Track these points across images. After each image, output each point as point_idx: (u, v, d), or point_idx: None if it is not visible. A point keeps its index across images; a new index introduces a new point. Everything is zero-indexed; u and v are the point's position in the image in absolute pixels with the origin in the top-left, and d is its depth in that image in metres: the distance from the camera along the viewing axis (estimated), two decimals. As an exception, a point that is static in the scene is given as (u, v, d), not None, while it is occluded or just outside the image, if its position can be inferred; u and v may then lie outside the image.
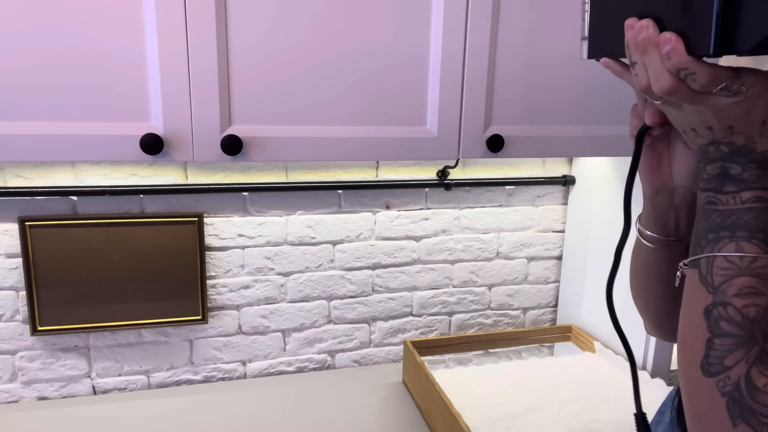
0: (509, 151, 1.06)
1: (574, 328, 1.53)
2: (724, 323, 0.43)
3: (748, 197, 0.44)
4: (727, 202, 0.45)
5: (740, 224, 0.44)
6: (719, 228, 0.45)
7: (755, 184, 0.44)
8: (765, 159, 0.44)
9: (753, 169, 0.44)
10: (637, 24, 0.45)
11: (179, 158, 0.91)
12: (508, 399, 1.24)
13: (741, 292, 0.43)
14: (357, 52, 0.96)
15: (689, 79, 0.42)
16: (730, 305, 0.43)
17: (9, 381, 1.29)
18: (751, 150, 0.44)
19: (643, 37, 0.44)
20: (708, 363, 0.43)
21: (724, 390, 0.42)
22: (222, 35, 0.89)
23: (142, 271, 1.29)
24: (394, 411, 1.28)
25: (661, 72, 0.43)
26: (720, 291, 0.44)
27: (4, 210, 1.21)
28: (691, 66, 0.42)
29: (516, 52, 1.03)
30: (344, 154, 0.99)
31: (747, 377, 0.41)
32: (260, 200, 1.35)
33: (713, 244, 0.45)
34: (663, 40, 0.42)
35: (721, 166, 0.45)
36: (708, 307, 0.44)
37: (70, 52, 0.84)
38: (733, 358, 0.42)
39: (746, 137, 0.43)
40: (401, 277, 1.50)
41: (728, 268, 0.44)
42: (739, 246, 0.43)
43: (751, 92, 0.42)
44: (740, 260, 0.43)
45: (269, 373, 1.47)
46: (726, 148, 0.44)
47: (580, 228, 1.54)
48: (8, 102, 0.84)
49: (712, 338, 0.43)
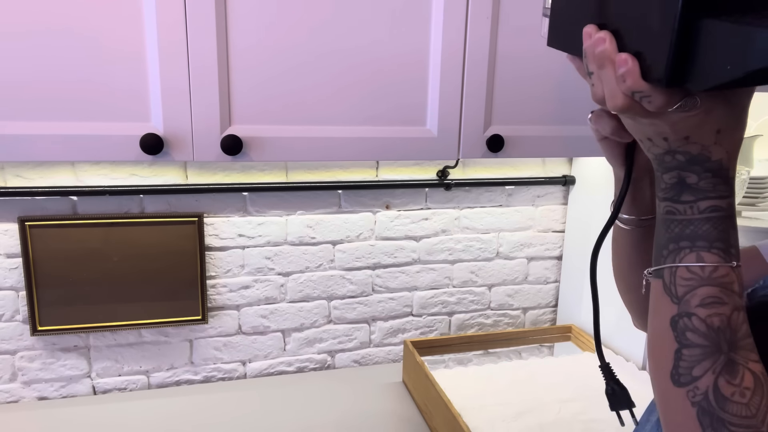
0: (509, 151, 1.06)
1: (574, 328, 1.53)
2: (690, 334, 0.44)
3: (705, 207, 0.44)
4: (685, 212, 0.45)
5: (699, 234, 0.44)
6: (679, 238, 0.45)
7: (711, 193, 0.44)
8: (720, 168, 0.44)
9: (709, 178, 0.44)
10: (595, 35, 0.44)
11: (179, 158, 0.91)
12: (508, 399, 1.24)
13: (704, 302, 0.43)
14: (357, 52, 0.96)
15: (644, 101, 0.42)
16: (694, 315, 0.43)
17: (9, 381, 1.29)
18: (707, 159, 0.44)
19: (600, 50, 0.43)
20: (678, 373, 0.44)
21: (694, 400, 0.43)
22: (222, 35, 0.89)
23: (142, 271, 1.29)
24: (394, 411, 1.28)
25: (615, 91, 0.43)
26: (684, 302, 0.44)
27: (4, 210, 1.21)
28: (645, 90, 0.41)
29: (516, 52, 1.03)
30: (344, 154, 0.99)
31: (715, 387, 0.42)
32: (260, 200, 1.35)
33: (674, 255, 0.45)
34: (619, 61, 0.42)
35: (678, 175, 0.45)
36: (674, 318, 0.45)
37: (70, 52, 0.84)
38: (700, 368, 0.43)
39: (701, 146, 0.43)
40: (401, 277, 1.50)
41: (690, 278, 0.44)
42: (700, 256, 0.44)
43: (705, 105, 0.42)
44: (701, 270, 0.44)
45: (269, 373, 1.47)
46: (682, 157, 0.44)
47: (580, 228, 1.54)
48: (8, 102, 0.84)
49: (680, 349, 0.44)
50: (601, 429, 1.14)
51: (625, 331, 1.39)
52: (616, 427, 1.15)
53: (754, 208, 1.25)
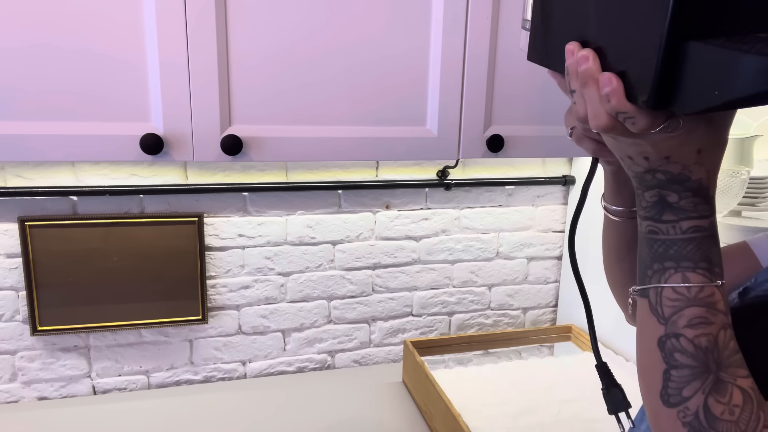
0: (509, 151, 1.06)
1: (574, 328, 1.53)
2: (678, 354, 0.44)
3: (687, 227, 0.44)
4: (667, 232, 0.45)
5: (683, 255, 0.44)
6: (663, 258, 0.45)
7: (693, 213, 0.44)
8: (701, 187, 0.44)
9: (689, 197, 0.44)
10: (578, 53, 0.43)
11: (179, 158, 0.91)
12: (508, 399, 1.24)
13: (691, 323, 0.43)
14: (357, 52, 0.96)
15: (627, 122, 0.42)
16: (682, 336, 0.44)
17: (9, 381, 1.29)
18: (687, 178, 0.44)
19: (583, 69, 0.43)
20: (667, 394, 0.44)
21: (685, 420, 0.43)
22: (222, 35, 0.89)
23: (142, 271, 1.29)
24: (394, 411, 1.28)
25: (599, 111, 0.42)
26: (671, 322, 0.44)
27: (4, 210, 1.21)
28: (630, 111, 0.41)
29: (516, 52, 1.02)
30: (344, 154, 0.99)
31: (705, 407, 0.42)
32: (260, 200, 1.35)
33: (659, 275, 0.45)
34: (603, 81, 0.41)
35: (659, 194, 0.45)
36: (661, 338, 0.45)
37: (71, 52, 0.84)
38: (690, 389, 0.43)
39: (682, 165, 0.43)
40: (401, 277, 1.50)
41: (676, 299, 0.44)
42: (685, 277, 0.44)
43: (687, 126, 0.42)
44: (687, 291, 0.44)
45: (269, 373, 1.47)
46: (662, 176, 0.44)
47: (580, 228, 1.53)
48: (8, 102, 0.84)
49: (669, 369, 0.44)
50: (601, 429, 1.14)
51: (624, 332, 1.39)
52: (616, 427, 1.15)
53: (754, 208, 1.25)
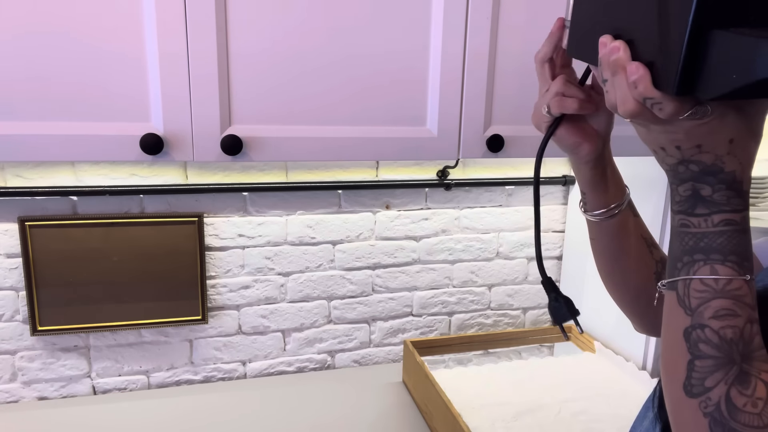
0: (509, 151, 1.06)
1: (574, 328, 1.53)
2: (703, 345, 0.44)
3: (719, 220, 0.45)
4: (699, 225, 0.45)
5: (713, 247, 0.45)
6: (693, 251, 0.45)
7: (725, 206, 0.44)
8: (734, 180, 0.44)
9: (723, 190, 0.44)
10: (610, 44, 0.45)
11: (179, 158, 0.91)
12: (508, 399, 1.24)
13: (717, 315, 0.44)
14: (357, 52, 0.96)
15: (655, 108, 0.43)
16: (707, 327, 0.44)
17: (9, 381, 1.29)
18: (720, 170, 0.44)
19: (614, 59, 0.45)
20: (690, 384, 0.45)
21: (706, 411, 0.43)
22: (222, 35, 0.89)
23: (142, 271, 1.29)
24: (394, 411, 1.28)
25: (627, 97, 0.44)
26: (697, 313, 0.45)
27: (4, 210, 1.21)
28: (656, 96, 0.42)
29: (516, 52, 1.03)
30: (344, 154, 0.99)
31: (727, 398, 0.43)
32: (260, 200, 1.35)
33: (689, 267, 0.46)
34: (631, 69, 0.43)
35: (692, 187, 0.45)
36: (687, 329, 0.45)
37: (71, 52, 0.84)
38: (713, 379, 0.43)
39: (715, 156, 0.44)
40: (401, 277, 1.50)
41: (704, 290, 0.45)
42: (714, 269, 0.44)
43: (717, 112, 0.43)
44: (715, 283, 0.44)
45: (269, 373, 1.47)
46: (695, 167, 0.45)
47: (580, 228, 1.54)
48: (8, 102, 0.84)
49: (693, 360, 0.45)
50: (601, 429, 1.14)
51: (625, 332, 1.39)
52: (617, 427, 1.15)
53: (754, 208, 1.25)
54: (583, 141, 0.58)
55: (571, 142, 0.60)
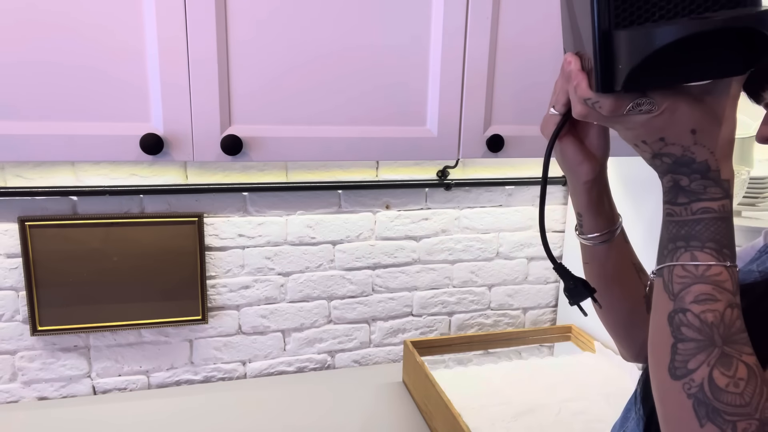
0: (509, 151, 1.06)
1: (574, 328, 1.53)
2: (685, 329, 0.46)
3: (697, 208, 0.47)
4: (680, 213, 0.47)
5: (692, 234, 0.47)
6: (676, 238, 0.48)
7: (703, 195, 0.46)
8: (708, 169, 0.46)
9: (698, 179, 0.46)
10: (566, 58, 0.51)
11: (179, 158, 0.91)
12: (508, 399, 1.24)
13: (698, 299, 0.45)
14: (357, 52, 0.96)
15: (596, 107, 0.47)
16: (689, 311, 0.46)
17: (9, 381, 1.29)
18: (692, 160, 0.46)
19: (567, 70, 0.50)
20: (674, 367, 0.46)
21: (690, 392, 0.45)
22: (222, 36, 0.89)
23: (142, 271, 1.29)
24: (394, 411, 1.28)
25: (575, 100, 0.49)
26: (679, 298, 0.46)
27: (4, 210, 1.21)
28: (592, 96, 0.47)
29: (516, 52, 1.03)
30: (344, 154, 0.99)
31: (710, 379, 0.44)
32: (260, 200, 1.35)
33: (672, 254, 0.48)
34: (572, 77, 0.49)
35: (672, 179, 0.48)
36: (670, 314, 0.47)
37: (71, 53, 0.84)
38: (695, 361, 0.45)
39: (682, 147, 0.46)
40: (401, 277, 1.50)
41: (685, 276, 0.46)
42: (693, 255, 0.46)
43: (665, 105, 0.45)
44: (695, 269, 0.46)
45: (269, 373, 1.47)
46: (668, 159, 0.47)
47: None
48: (8, 102, 0.84)
49: (676, 343, 0.46)
50: (601, 429, 1.14)
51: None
52: (616, 427, 1.15)
53: (754, 208, 1.25)
54: (584, 160, 0.61)
55: (574, 159, 0.61)
